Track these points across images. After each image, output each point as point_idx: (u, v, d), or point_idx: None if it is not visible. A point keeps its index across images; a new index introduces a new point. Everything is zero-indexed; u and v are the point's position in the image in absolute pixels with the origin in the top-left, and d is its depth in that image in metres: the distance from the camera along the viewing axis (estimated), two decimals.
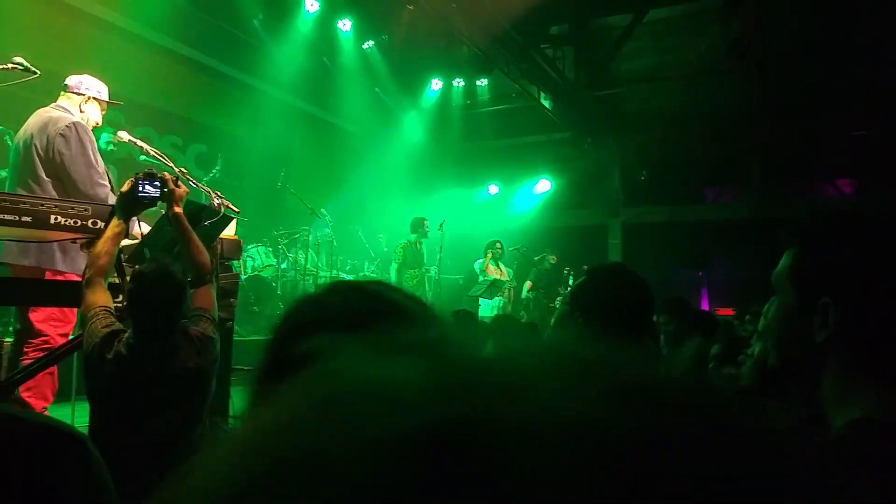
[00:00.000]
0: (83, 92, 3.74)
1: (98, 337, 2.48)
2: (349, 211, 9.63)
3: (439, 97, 10.92)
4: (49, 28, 6.58)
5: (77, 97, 3.74)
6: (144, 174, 2.69)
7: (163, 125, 8.03)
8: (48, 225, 2.64)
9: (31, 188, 3.41)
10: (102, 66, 6.63)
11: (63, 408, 3.84)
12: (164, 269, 2.49)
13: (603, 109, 10.72)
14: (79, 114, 3.72)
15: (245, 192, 8.29)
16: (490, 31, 8.00)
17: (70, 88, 3.73)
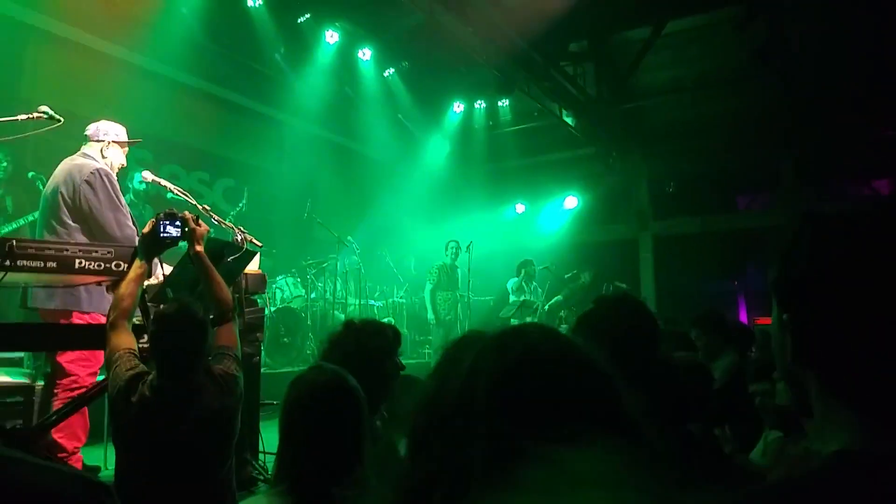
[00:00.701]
0: (102, 138, 3.83)
1: (123, 380, 2.47)
2: (376, 237, 9.66)
3: (462, 119, 10.97)
4: (74, 73, 6.80)
5: (97, 144, 3.84)
6: (165, 214, 2.71)
7: (190, 162, 8.20)
8: (73, 269, 2.67)
9: (59, 234, 3.49)
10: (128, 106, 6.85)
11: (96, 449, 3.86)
12: (186, 309, 2.48)
13: (627, 123, 10.61)
14: (102, 160, 3.81)
15: (272, 224, 8.40)
16: (509, 53, 8.01)
17: (90, 137, 3.84)
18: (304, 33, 8.31)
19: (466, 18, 7.32)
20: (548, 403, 0.65)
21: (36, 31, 6.50)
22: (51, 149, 4.03)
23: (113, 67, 7.11)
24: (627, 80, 9.70)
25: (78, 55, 6.91)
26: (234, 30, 7.77)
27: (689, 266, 11.27)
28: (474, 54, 8.02)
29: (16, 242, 2.56)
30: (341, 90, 9.41)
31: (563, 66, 9.03)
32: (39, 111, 3.04)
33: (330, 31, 8.33)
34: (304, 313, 7.68)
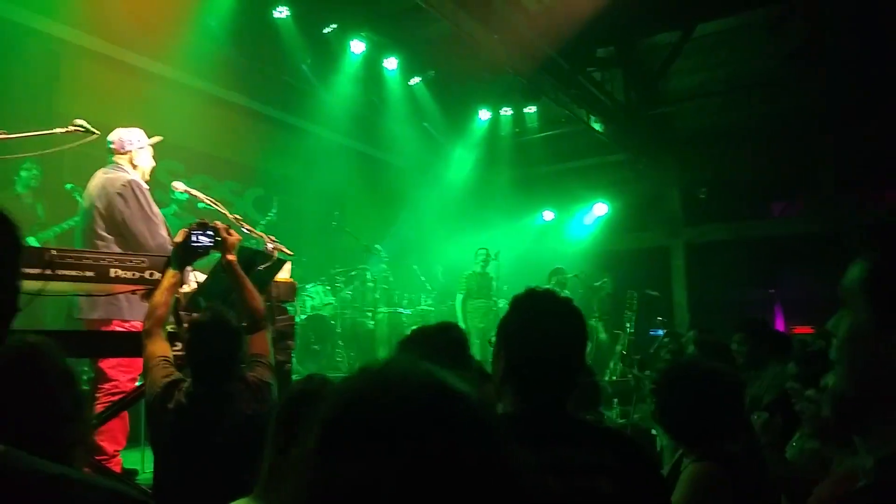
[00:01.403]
0: (129, 148, 3.89)
1: (158, 387, 2.51)
2: (404, 246, 9.67)
3: (488, 127, 10.94)
4: (107, 86, 6.95)
5: (125, 155, 3.89)
6: (197, 224, 2.75)
7: (220, 172, 8.32)
8: (108, 278, 2.72)
9: (96, 245, 3.58)
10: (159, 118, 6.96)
11: (134, 452, 3.93)
12: (220, 317, 2.52)
13: (656, 129, 10.48)
14: (133, 170, 3.87)
15: (301, 232, 8.45)
16: (535, 60, 7.97)
17: (115, 150, 3.90)
18: (331, 44, 8.38)
19: (492, 26, 7.31)
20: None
21: (71, 47, 6.66)
22: (87, 161, 4.11)
23: (144, 80, 7.26)
24: (656, 84, 9.59)
25: (111, 69, 7.06)
26: (261, 41, 7.88)
27: (722, 274, 11.05)
28: (500, 62, 8.01)
29: (55, 252, 2.61)
30: (367, 99, 9.47)
31: (590, 71, 8.96)
32: (75, 124, 3.10)
33: (356, 40, 8.39)
34: (334, 321, 7.72)
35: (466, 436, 0.52)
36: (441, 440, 0.51)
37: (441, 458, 0.50)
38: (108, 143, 3.86)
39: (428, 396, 0.54)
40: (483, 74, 9.31)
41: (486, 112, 10.70)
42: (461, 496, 0.49)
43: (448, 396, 0.54)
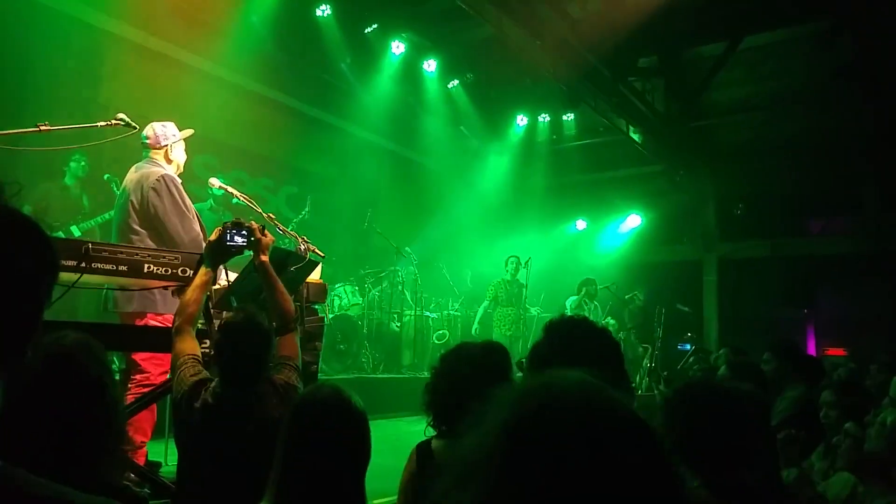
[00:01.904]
0: (164, 143, 3.88)
1: (186, 385, 2.50)
2: (434, 249, 9.64)
3: (525, 133, 10.86)
4: (149, 79, 7.05)
5: (160, 150, 3.88)
6: (232, 223, 2.73)
7: (255, 168, 8.39)
8: (142, 273, 2.72)
9: (131, 239, 3.59)
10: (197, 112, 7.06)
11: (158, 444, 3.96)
12: (251, 318, 2.50)
13: (696, 141, 10.29)
14: (167, 164, 3.87)
15: (333, 232, 8.49)
16: (576, 67, 7.87)
17: (150, 145, 3.87)
18: (371, 44, 8.40)
19: (534, 31, 7.24)
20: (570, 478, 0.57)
21: (115, 38, 6.77)
22: (126, 152, 4.15)
23: (185, 74, 7.35)
24: (698, 96, 9.40)
25: (153, 62, 7.16)
26: (302, 39, 7.92)
27: (755, 291, 10.82)
28: (541, 68, 7.94)
29: (91, 245, 2.62)
30: (405, 101, 9.46)
31: (631, 81, 8.83)
32: (117, 118, 3.12)
33: (396, 41, 8.39)
34: (361, 321, 7.71)
35: (636, 445, 0.60)
36: (617, 450, 0.58)
37: (617, 465, 0.57)
38: (143, 137, 3.85)
39: (607, 409, 0.61)
40: (523, 80, 9.25)
41: (524, 118, 10.62)
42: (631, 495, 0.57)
43: (622, 411, 0.62)
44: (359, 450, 1.66)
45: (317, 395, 1.73)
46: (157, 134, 3.88)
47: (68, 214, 5.51)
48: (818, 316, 11.12)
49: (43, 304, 0.71)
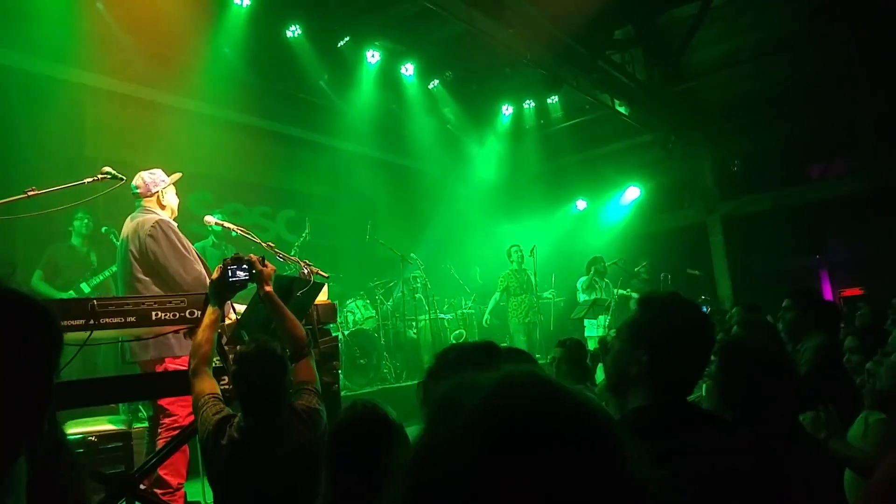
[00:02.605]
0: (154, 190, 3.92)
1: (211, 425, 2.52)
2: (439, 250, 9.65)
3: (512, 122, 10.83)
4: (132, 125, 7.07)
5: (152, 197, 3.92)
6: (232, 259, 2.76)
7: (251, 197, 8.41)
8: (151, 321, 2.75)
9: (136, 288, 3.62)
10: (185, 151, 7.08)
11: (194, 484, 3.98)
12: (264, 347, 2.52)
13: (683, 105, 10.25)
14: (161, 210, 3.90)
15: (336, 249, 8.50)
16: (553, 49, 7.85)
17: (141, 193, 3.90)
18: (346, 56, 8.39)
19: (505, 20, 7.23)
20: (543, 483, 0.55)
21: (93, 91, 6.79)
22: (119, 202, 4.17)
23: (167, 115, 7.37)
24: (679, 60, 9.36)
25: (133, 108, 7.19)
26: (277, 62, 7.91)
27: (763, 245, 10.79)
28: (518, 55, 7.92)
29: (97, 302, 2.64)
30: (388, 108, 9.46)
31: (609, 54, 8.79)
32: (103, 172, 3.14)
33: (371, 51, 8.38)
34: (377, 333, 7.73)
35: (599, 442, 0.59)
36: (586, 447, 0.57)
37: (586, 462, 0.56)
38: (134, 188, 3.89)
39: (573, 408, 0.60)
40: (502, 69, 9.23)
41: (509, 107, 10.60)
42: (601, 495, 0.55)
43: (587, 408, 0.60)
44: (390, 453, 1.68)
45: (354, 415, 1.76)
46: (146, 182, 3.91)
47: (77, 273, 5.55)
48: (829, 260, 11.06)
49: (53, 375, 0.72)
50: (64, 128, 6.34)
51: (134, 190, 3.89)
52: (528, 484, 0.54)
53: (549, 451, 0.55)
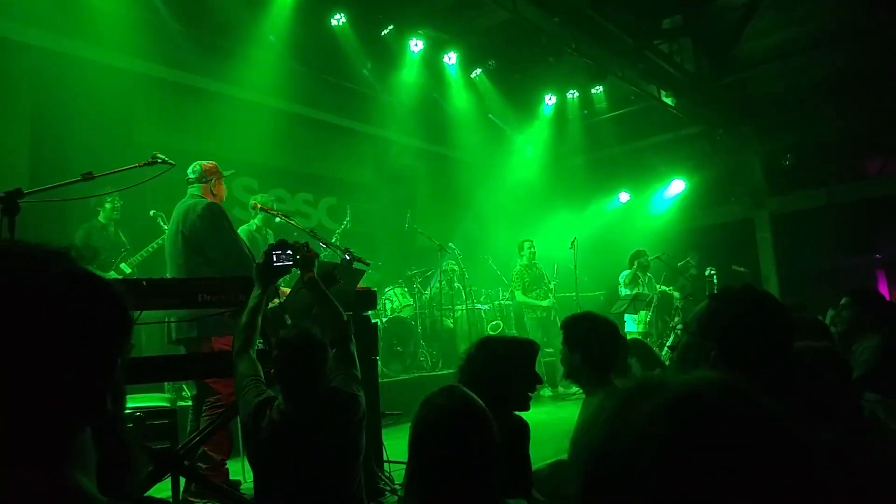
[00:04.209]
0: (207, 179, 4.10)
1: (251, 406, 2.57)
2: (477, 240, 9.63)
3: (555, 111, 10.69)
4: (180, 112, 7.22)
5: (204, 184, 4.09)
6: (277, 244, 2.79)
7: (294, 184, 8.53)
8: (196, 303, 2.81)
9: (185, 269, 3.73)
10: (231, 137, 7.21)
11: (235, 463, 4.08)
12: (305, 333, 2.55)
13: (733, 97, 9.95)
14: (212, 197, 4.03)
15: (376, 237, 8.56)
16: (598, 38, 7.71)
17: (195, 181, 4.11)
18: (389, 45, 8.39)
19: (550, 8, 7.13)
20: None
21: (144, 78, 6.95)
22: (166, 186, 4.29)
23: (213, 102, 7.49)
24: (729, 50, 9.07)
25: (182, 95, 7.33)
26: (320, 51, 7.97)
27: (814, 243, 10.42)
28: (562, 44, 7.80)
29: (147, 283, 2.71)
30: (430, 97, 9.45)
31: (657, 44, 8.58)
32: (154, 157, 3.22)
33: (414, 39, 8.37)
34: (414, 321, 7.77)
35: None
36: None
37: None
38: (190, 173, 4.06)
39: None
40: (545, 58, 9.11)
41: (552, 96, 10.45)
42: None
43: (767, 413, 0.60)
44: (492, 447, 1.64)
45: (445, 399, 1.69)
46: (202, 170, 4.09)
47: (112, 253, 5.70)
48: (887, 260, 10.63)
49: (117, 357, 0.74)
50: (115, 114, 6.51)
51: (190, 176, 4.04)
52: (714, 490, 0.53)
53: (742, 459, 0.55)
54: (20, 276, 0.68)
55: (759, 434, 0.57)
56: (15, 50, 5.98)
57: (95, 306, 0.72)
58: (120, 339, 0.74)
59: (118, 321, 0.74)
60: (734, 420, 0.57)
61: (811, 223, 10.42)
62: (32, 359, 0.65)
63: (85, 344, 0.69)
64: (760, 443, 0.56)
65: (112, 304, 0.74)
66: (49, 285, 0.69)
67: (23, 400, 0.65)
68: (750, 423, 0.57)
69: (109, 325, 0.73)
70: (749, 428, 0.57)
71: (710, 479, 0.54)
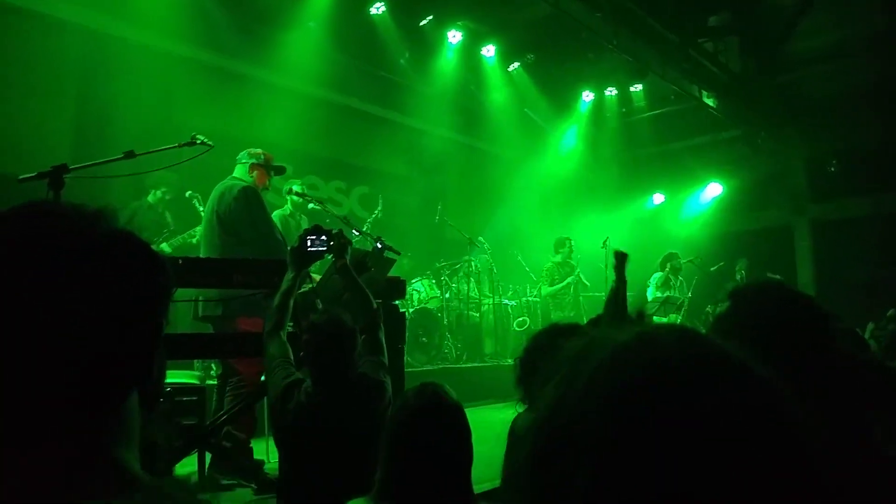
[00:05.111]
0: (252, 162, 4.18)
1: (280, 388, 2.59)
2: (507, 236, 9.57)
3: (592, 108, 10.57)
4: (218, 95, 7.27)
5: (243, 166, 4.18)
6: (312, 229, 2.81)
7: (327, 172, 8.57)
8: (231, 283, 2.84)
9: (218, 250, 3.77)
10: (267, 122, 7.25)
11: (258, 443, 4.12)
12: (336, 318, 2.57)
13: (779, 99, 9.68)
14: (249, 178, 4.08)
15: (406, 228, 8.56)
16: (640, 35, 7.57)
17: (242, 163, 4.19)
18: (428, 36, 8.38)
19: (593, 4, 7.02)
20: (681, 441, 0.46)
21: (183, 60, 7.02)
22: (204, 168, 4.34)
23: (250, 87, 7.54)
24: (778, 50, 8.82)
25: (221, 78, 7.39)
26: (359, 39, 7.99)
27: (856, 253, 10.10)
28: (603, 40, 7.69)
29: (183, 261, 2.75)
30: (466, 89, 9.41)
31: (701, 43, 8.40)
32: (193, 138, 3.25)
33: (452, 31, 8.34)
34: (440, 313, 7.76)
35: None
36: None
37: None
38: (239, 158, 4.18)
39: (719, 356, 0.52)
40: (585, 54, 8.99)
41: (590, 93, 10.33)
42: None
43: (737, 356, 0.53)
44: (463, 445, 1.69)
45: (423, 399, 1.75)
46: (248, 153, 4.15)
47: (156, 231, 5.79)
48: None
49: (163, 324, 0.73)
50: (154, 94, 6.61)
51: (240, 159, 4.10)
52: (671, 432, 0.46)
53: (696, 397, 0.48)
54: (70, 235, 0.66)
55: (715, 376, 0.49)
56: (62, 31, 6.10)
57: (145, 265, 0.70)
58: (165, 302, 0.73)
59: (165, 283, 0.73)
60: (689, 361, 0.50)
61: (854, 233, 10.11)
62: (83, 317, 0.63)
63: (138, 302, 0.68)
64: (719, 387, 0.48)
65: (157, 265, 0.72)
66: (100, 242, 0.67)
67: (70, 360, 0.63)
68: (704, 364, 0.50)
69: (159, 285, 0.71)
70: (703, 370, 0.50)
71: (665, 429, 0.46)
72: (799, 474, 0.48)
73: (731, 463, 0.45)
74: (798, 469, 0.48)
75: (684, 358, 0.50)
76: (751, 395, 0.49)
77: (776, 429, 0.48)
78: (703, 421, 0.46)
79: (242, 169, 4.13)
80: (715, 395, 0.48)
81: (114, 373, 0.66)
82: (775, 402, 0.49)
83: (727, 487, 0.45)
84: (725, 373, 0.50)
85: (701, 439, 0.46)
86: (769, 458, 0.46)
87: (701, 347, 0.52)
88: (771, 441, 0.47)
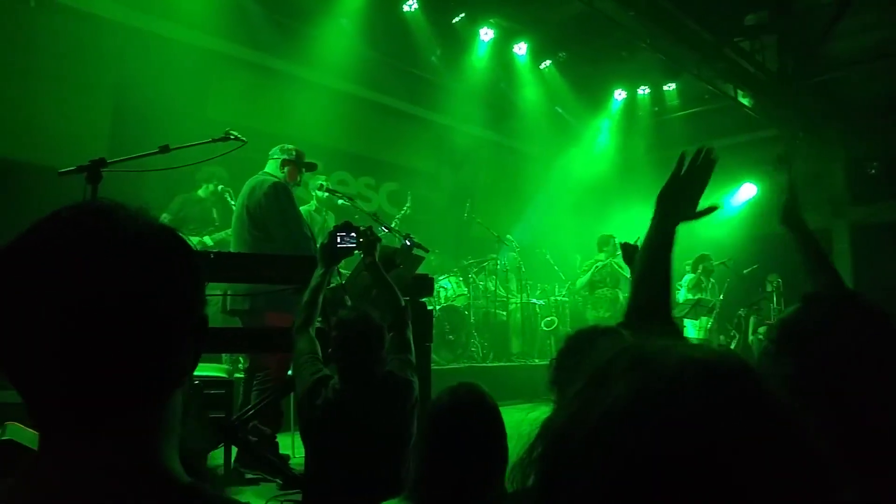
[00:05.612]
0: (284, 158, 4.19)
1: (308, 383, 2.60)
2: (536, 234, 9.51)
3: (624, 107, 10.43)
4: (252, 90, 7.36)
5: (275, 161, 4.20)
6: (342, 226, 2.81)
7: (357, 168, 8.62)
8: (260, 277, 2.86)
9: (249, 246, 3.80)
10: (299, 118, 7.30)
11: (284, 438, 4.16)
12: (364, 316, 2.57)
13: (818, 99, 9.43)
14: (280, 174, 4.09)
15: (434, 225, 8.56)
16: (675, 34, 7.44)
17: (271, 156, 4.21)
18: (459, 33, 8.35)
19: (627, 2, 6.91)
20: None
21: (219, 56, 7.13)
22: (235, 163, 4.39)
23: (284, 82, 7.62)
24: (818, 49, 8.58)
25: (254, 74, 7.49)
26: (391, 36, 8.00)
27: None
28: (637, 38, 7.58)
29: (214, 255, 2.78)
30: (497, 87, 9.36)
31: (737, 41, 8.22)
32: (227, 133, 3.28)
33: (484, 28, 8.30)
34: (467, 311, 7.74)
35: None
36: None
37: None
38: (272, 154, 4.20)
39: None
40: (618, 53, 8.87)
41: (622, 92, 10.20)
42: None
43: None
44: (500, 447, 1.67)
45: (458, 399, 1.74)
46: (282, 149, 4.18)
47: (201, 225, 5.88)
48: None
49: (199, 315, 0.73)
50: (190, 89, 6.70)
51: (272, 155, 4.16)
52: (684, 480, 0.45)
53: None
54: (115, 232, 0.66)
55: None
56: (102, 26, 6.22)
57: (189, 263, 0.70)
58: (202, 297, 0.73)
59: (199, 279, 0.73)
60: (714, 412, 0.47)
61: (894, 237, 9.83)
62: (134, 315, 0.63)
63: (185, 298, 0.68)
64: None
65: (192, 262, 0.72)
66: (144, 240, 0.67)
67: (120, 357, 0.63)
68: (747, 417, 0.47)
69: (199, 281, 0.71)
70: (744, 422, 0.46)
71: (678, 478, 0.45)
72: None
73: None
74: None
75: (710, 408, 0.47)
76: (780, 449, 0.46)
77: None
78: (721, 472, 0.44)
79: (274, 164, 4.15)
80: (741, 456, 0.45)
81: (162, 370, 0.66)
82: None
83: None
84: (756, 425, 0.47)
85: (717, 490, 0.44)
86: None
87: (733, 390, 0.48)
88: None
